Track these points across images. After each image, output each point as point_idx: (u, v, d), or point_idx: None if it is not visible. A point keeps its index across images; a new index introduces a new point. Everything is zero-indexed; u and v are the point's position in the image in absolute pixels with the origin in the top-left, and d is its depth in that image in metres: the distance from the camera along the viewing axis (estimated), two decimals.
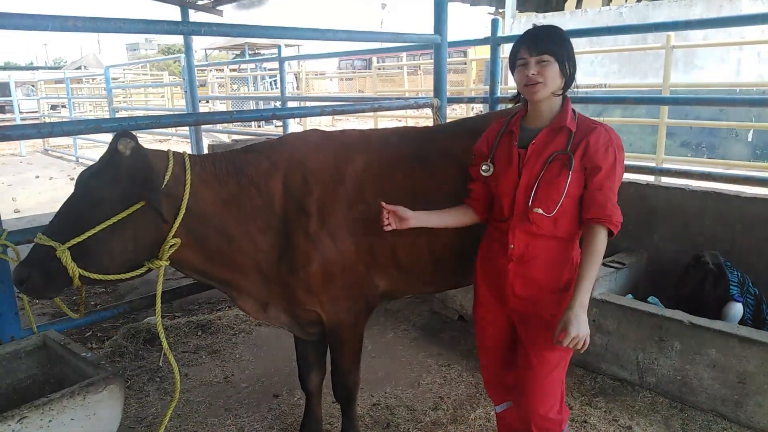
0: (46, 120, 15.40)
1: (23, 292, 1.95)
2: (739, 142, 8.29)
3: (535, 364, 2.00)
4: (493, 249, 2.06)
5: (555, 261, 1.94)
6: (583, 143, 1.85)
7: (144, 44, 49.21)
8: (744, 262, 3.45)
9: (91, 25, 2.51)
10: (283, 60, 7.94)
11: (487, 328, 2.17)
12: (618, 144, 1.87)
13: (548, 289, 1.96)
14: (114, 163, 1.96)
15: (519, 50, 1.88)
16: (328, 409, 2.96)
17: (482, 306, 2.16)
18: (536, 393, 2.02)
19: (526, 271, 1.96)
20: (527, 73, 1.85)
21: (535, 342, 2.00)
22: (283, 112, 4.65)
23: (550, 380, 2.01)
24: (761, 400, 2.68)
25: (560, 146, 1.88)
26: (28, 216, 7.53)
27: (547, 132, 1.91)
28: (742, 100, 6.10)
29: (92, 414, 2.06)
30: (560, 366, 2.02)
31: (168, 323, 4.00)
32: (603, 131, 1.86)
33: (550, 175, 1.87)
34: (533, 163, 1.90)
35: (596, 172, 1.83)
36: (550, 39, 1.86)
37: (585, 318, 1.79)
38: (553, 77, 1.85)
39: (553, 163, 1.87)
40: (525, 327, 2.03)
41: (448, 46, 3.99)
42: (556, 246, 1.93)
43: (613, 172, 1.84)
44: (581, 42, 8.08)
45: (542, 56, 1.83)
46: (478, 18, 18.86)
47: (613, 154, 1.84)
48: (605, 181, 1.83)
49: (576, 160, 1.84)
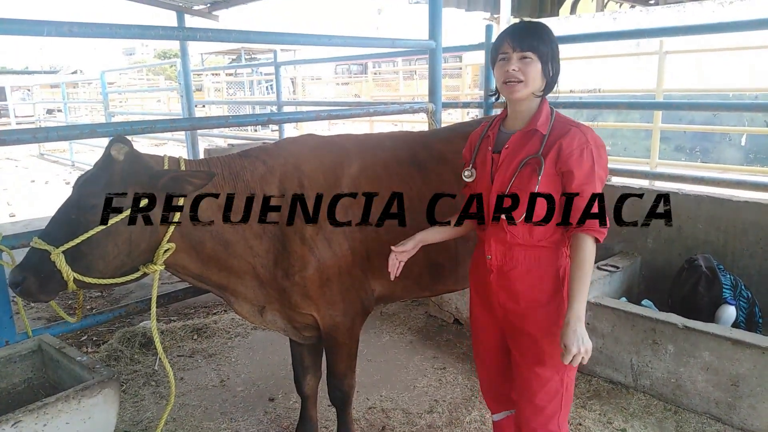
0: (42, 124, 15.37)
1: (18, 295, 1.95)
2: (732, 147, 8.34)
3: (527, 377, 1.93)
4: (479, 259, 2.00)
5: (537, 272, 1.85)
6: (555, 146, 1.75)
7: (140, 48, 49.18)
8: (737, 265, 3.48)
9: (87, 31, 2.52)
10: (279, 65, 7.95)
11: (481, 335, 2.11)
12: (596, 144, 1.76)
13: (534, 303, 1.87)
14: (108, 168, 1.97)
15: (502, 44, 1.77)
16: (324, 412, 2.97)
17: (475, 314, 2.11)
18: (529, 406, 1.94)
19: (508, 283, 1.88)
20: (508, 69, 1.74)
21: (524, 356, 1.93)
22: (279, 117, 4.66)
23: (544, 393, 1.91)
24: (754, 402, 2.70)
25: (532, 150, 1.78)
26: (23, 220, 7.51)
27: (520, 135, 1.83)
28: (735, 105, 6.14)
29: (87, 418, 2.06)
30: (554, 380, 1.90)
31: (164, 327, 3.99)
32: (578, 133, 1.75)
33: (521, 180, 1.78)
34: (505, 168, 1.83)
35: (573, 177, 1.73)
36: (536, 35, 1.75)
37: (584, 331, 1.70)
38: (535, 77, 1.75)
39: (525, 167, 1.78)
40: (514, 341, 1.96)
41: (443, 51, 4.01)
42: (536, 256, 1.84)
43: (592, 175, 1.72)
44: (575, 47, 8.13)
45: (525, 53, 1.73)
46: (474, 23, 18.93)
47: (590, 156, 1.73)
48: (585, 186, 1.72)
49: (548, 163, 1.75)
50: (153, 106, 17.57)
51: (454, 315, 4.02)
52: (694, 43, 7.38)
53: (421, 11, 14.80)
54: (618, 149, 9.15)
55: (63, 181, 10.58)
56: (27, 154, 15.18)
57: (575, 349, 1.67)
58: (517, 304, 1.89)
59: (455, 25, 21.03)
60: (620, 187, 3.87)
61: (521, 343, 1.93)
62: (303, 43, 3.84)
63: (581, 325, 1.70)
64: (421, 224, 2.36)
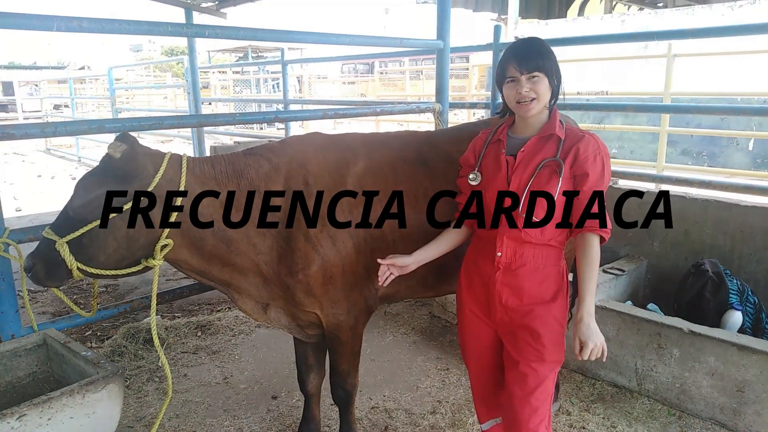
0: (49, 119, 15.42)
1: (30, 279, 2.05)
2: (739, 151, 8.30)
3: (526, 375, 1.95)
4: (480, 259, 2.03)
5: (543, 270, 1.93)
6: (572, 151, 1.86)
7: (147, 45, 49.33)
8: (744, 270, 3.46)
9: (96, 26, 2.53)
10: (286, 63, 7.96)
11: (474, 340, 2.12)
12: (605, 152, 1.90)
13: (536, 300, 1.93)
14: (105, 165, 2.03)
15: (507, 68, 1.88)
16: (327, 411, 2.97)
17: (468, 319, 2.11)
18: (527, 405, 1.96)
19: (514, 280, 1.94)
20: (520, 91, 1.86)
21: (523, 354, 1.95)
22: (286, 115, 4.67)
23: (539, 392, 1.96)
24: (760, 408, 2.68)
25: (550, 153, 1.89)
26: (30, 215, 7.56)
27: (537, 140, 1.93)
28: (743, 109, 6.11)
29: (91, 413, 2.07)
30: (549, 378, 1.97)
31: (168, 324, 4.00)
32: (592, 140, 1.88)
33: (540, 182, 1.87)
34: (522, 171, 1.91)
35: (585, 180, 1.84)
36: (539, 54, 1.86)
37: (596, 326, 1.82)
38: (544, 92, 1.87)
39: (543, 170, 1.88)
40: (513, 339, 1.98)
41: (450, 51, 4.00)
42: (543, 254, 1.92)
43: (602, 179, 1.86)
44: (583, 49, 8.10)
45: (533, 73, 1.85)
46: (481, 24, 18.85)
47: (601, 162, 1.86)
48: (595, 189, 1.84)
49: (566, 167, 1.86)
50: (160, 102, 17.61)
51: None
52: (702, 47, 7.34)
53: (428, 11, 14.78)
54: (625, 152, 9.12)
55: (69, 177, 10.62)
56: (34, 149, 15.26)
57: (591, 343, 1.78)
58: (520, 301, 1.94)
59: (462, 25, 21.02)
60: (627, 191, 3.85)
61: (521, 340, 1.96)
62: (312, 41, 3.84)
63: (593, 321, 1.82)
64: (426, 224, 2.37)
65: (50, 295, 4.64)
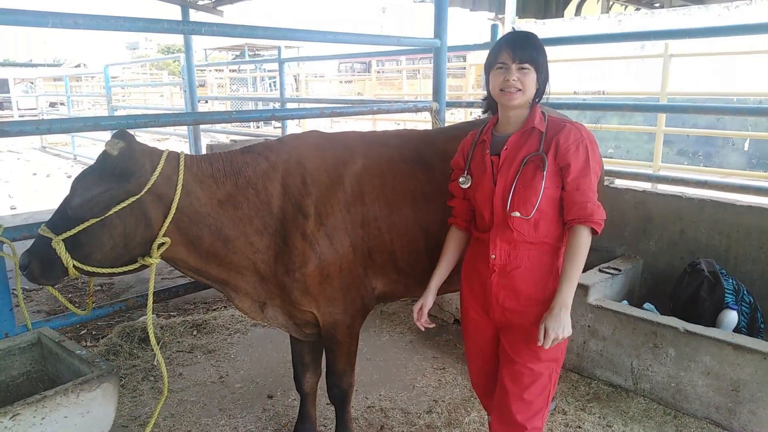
0: (45, 117, 15.36)
1: (26, 277, 2.03)
2: (735, 151, 8.33)
3: (519, 372, 1.96)
4: (477, 261, 2.04)
5: (539, 270, 1.91)
6: (553, 143, 1.84)
7: (144, 43, 49.17)
8: (739, 270, 3.47)
9: (92, 23, 2.51)
10: (282, 61, 7.94)
11: (476, 337, 2.14)
12: (590, 139, 1.86)
13: (534, 301, 1.92)
14: (102, 162, 2.01)
15: (499, 53, 1.87)
16: (323, 410, 2.96)
17: (470, 316, 2.13)
18: (517, 400, 1.97)
19: (510, 282, 1.93)
20: (507, 78, 1.84)
21: (518, 352, 1.96)
22: (283, 113, 4.64)
23: (534, 388, 1.96)
24: (755, 408, 2.69)
25: (532, 148, 1.87)
26: (25, 213, 7.52)
27: (518, 136, 1.91)
28: (739, 110, 6.13)
29: (86, 412, 2.06)
30: (544, 376, 1.96)
31: (163, 322, 3.99)
32: (573, 129, 1.86)
33: (525, 177, 1.85)
34: (507, 168, 1.89)
35: (568, 170, 1.82)
36: (533, 47, 1.86)
37: (568, 319, 1.79)
38: (530, 85, 1.86)
39: (527, 165, 1.86)
40: (510, 337, 1.99)
41: (447, 50, 4.00)
42: (539, 253, 1.91)
43: (587, 169, 1.82)
44: (579, 48, 8.11)
45: (524, 64, 1.84)
46: (478, 23, 18.82)
47: (585, 150, 1.83)
48: (581, 179, 1.82)
49: (549, 160, 1.83)
50: (156, 100, 17.56)
51: (454, 315, 4.01)
52: (698, 47, 7.36)
53: (425, 11, 14.76)
54: (621, 152, 9.14)
55: (65, 175, 10.58)
56: (29, 146, 15.19)
57: (553, 334, 1.77)
58: (516, 302, 1.94)
59: (459, 24, 20.99)
60: (624, 190, 3.86)
61: (517, 339, 1.96)
62: (309, 39, 3.83)
63: (566, 313, 1.79)
64: (424, 223, 2.36)
65: (45, 294, 4.62)
